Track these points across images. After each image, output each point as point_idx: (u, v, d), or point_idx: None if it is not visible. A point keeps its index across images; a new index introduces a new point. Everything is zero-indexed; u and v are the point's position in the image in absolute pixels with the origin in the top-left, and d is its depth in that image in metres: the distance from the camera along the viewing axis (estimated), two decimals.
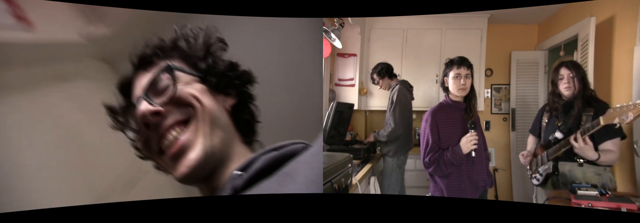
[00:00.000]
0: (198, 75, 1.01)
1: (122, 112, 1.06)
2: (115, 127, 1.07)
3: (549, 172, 1.80)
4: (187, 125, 0.93)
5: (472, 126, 1.93)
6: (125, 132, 1.04)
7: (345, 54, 2.59)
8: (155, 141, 0.95)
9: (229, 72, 1.05)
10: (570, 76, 1.76)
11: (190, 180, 0.94)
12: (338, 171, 1.74)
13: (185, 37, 1.06)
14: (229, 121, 1.02)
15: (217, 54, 1.07)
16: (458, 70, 1.95)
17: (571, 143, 1.66)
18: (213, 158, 0.93)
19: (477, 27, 2.47)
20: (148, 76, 0.98)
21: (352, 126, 2.71)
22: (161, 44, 1.04)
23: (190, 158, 0.90)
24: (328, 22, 2.23)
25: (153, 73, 0.98)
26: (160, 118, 0.93)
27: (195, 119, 0.93)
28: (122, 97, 1.06)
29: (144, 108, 0.92)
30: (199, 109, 0.94)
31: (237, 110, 1.06)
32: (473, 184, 2.00)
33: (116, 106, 1.06)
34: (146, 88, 0.96)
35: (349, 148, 2.40)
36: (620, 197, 1.62)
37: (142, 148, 1.00)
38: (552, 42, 2.32)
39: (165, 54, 1.02)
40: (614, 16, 1.84)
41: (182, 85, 0.96)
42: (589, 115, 1.68)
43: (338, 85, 2.64)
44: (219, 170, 0.96)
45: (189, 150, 0.91)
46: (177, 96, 0.94)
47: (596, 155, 1.64)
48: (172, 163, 0.94)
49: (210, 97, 0.98)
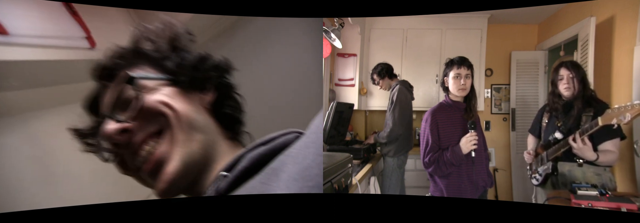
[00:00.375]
0: (166, 78, 0.91)
1: (90, 134, 0.96)
2: (86, 150, 0.97)
3: (549, 172, 1.80)
4: (160, 136, 0.85)
5: (472, 126, 1.93)
6: (99, 154, 0.94)
7: (345, 54, 2.59)
8: (130, 159, 0.88)
9: (201, 66, 0.95)
10: (570, 76, 1.76)
11: (172, 193, 0.86)
12: (338, 171, 1.74)
13: (146, 37, 0.96)
14: (209, 120, 0.93)
15: (184, 48, 0.96)
16: (458, 70, 1.95)
17: (570, 144, 1.66)
18: (193, 166, 0.85)
19: (477, 27, 2.47)
20: (110, 91, 0.89)
21: (352, 126, 2.71)
22: (120, 52, 0.94)
23: (168, 173, 0.82)
24: (328, 22, 2.23)
25: (114, 87, 0.88)
26: (130, 135, 0.85)
27: (169, 128, 0.85)
28: (91, 117, 0.97)
29: (109, 127, 0.84)
30: (172, 116, 0.85)
31: (217, 105, 0.97)
32: (473, 184, 2.00)
33: (83, 128, 0.97)
34: (110, 104, 0.87)
35: (349, 148, 2.40)
36: (620, 197, 1.62)
37: (119, 167, 0.92)
38: (552, 42, 2.32)
39: (128, 62, 0.92)
40: (614, 16, 1.84)
41: (149, 94, 0.87)
42: (589, 115, 1.68)
43: (338, 85, 2.64)
44: (203, 175, 0.89)
45: (166, 163, 0.83)
46: (145, 107, 0.85)
47: (595, 156, 1.64)
48: (149, 179, 0.87)
49: (183, 99, 0.90)
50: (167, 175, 0.82)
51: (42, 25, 1.51)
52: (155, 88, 0.89)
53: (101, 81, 0.93)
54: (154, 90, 0.88)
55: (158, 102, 0.86)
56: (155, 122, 0.86)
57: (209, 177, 0.88)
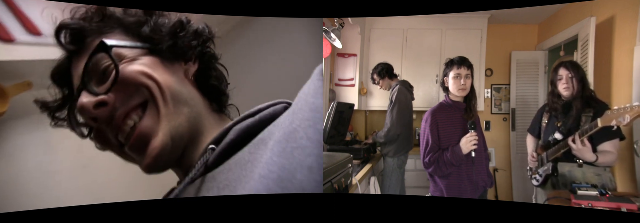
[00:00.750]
0: (144, 46, 0.84)
1: (59, 106, 0.90)
2: (56, 125, 0.92)
3: (549, 173, 1.80)
4: (143, 109, 0.80)
5: (472, 126, 1.93)
6: (74, 129, 0.88)
7: (345, 54, 2.59)
8: (111, 134, 0.82)
9: (180, 32, 0.88)
10: (569, 76, 1.76)
11: (159, 168, 0.83)
12: (338, 171, 1.74)
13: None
14: (194, 91, 0.88)
15: (158, 13, 0.89)
16: (458, 70, 1.95)
17: (569, 145, 1.66)
18: (180, 140, 0.81)
19: (477, 27, 2.46)
20: (82, 60, 0.81)
21: (352, 126, 2.71)
22: (88, 13, 0.86)
23: (154, 147, 0.78)
24: (328, 22, 2.23)
25: (86, 56, 0.80)
26: (108, 109, 0.79)
27: (152, 100, 0.79)
28: (58, 88, 0.90)
29: (84, 100, 0.77)
30: (154, 88, 0.79)
31: (201, 76, 0.91)
32: (473, 184, 2.00)
33: (49, 100, 0.91)
34: (83, 75, 0.79)
35: (349, 148, 2.40)
36: (620, 197, 1.62)
37: (99, 143, 0.86)
38: (552, 42, 2.32)
39: (97, 26, 0.84)
40: (614, 16, 1.84)
41: (126, 64, 0.80)
42: (589, 115, 1.68)
43: (338, 85, 2.63)
44: (191, 149, 0.84)
45: (151, 138, 0.78)
46: (123, 78, 0.78)
47: (594, 157, 1.64)
48: (135, 154, 0.82)
49: (165, 69, 0.83)
50: (153, 150, 0.78)
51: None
52: (134, 58, 0.82)
53: (68, 46, 0.85)
54: (132, 60, 0.81)
55: (138, 72, 0.79)
56: (137, 94, 0.80)
57: (197, 150, 0.84)
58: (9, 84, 1.26)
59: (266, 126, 0.78)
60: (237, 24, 2.06)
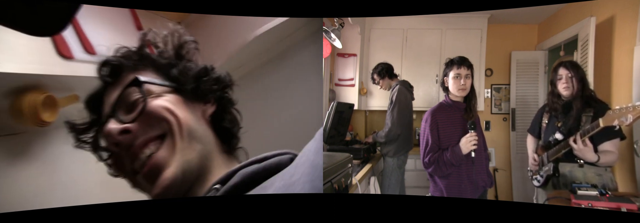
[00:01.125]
0: (170, 85, 0.93)
1: (85, 129, 0.98)
2: (77, 146, 0.98)
3: (550, 173, 1.80)
4: (161, 141, 0.87)
5: (472, 126, 1.93)
6: (95, 151, 0.96)
7: (345, 54, 2.59)
8: (127, 161, 0.89)
9: (204, 77, 0.97)
10: (569, 76, 1.76)
11: (167, 196, 0.87)
12: (338, 171, 1.74)
13: (153, 43, 0.99)
14: (209, 131, 0.95)
15: (189, 57, 0.99)
16: (458, 70, 1.95)
17: (570, 145, 1.66)
18: (190, 174, 0.87)
19: (477, 27, 2.46)
20: (116, 91, 0.91)
21: (352, 126, 2.71)
22: (127, 52, 0.97)
23: (165, 178, 0.84)
24: (328, 22, 2.22)
25: (120, 88, 0.90)
26: (130, 137, 0.86)
27: (170, 134, 0.87)
28: (89, 113, 0.98)
29: (111, 126, 0.86)
30: (174, 123, 0.87)
31: (217, 118, 0.99)
32: (473, 184, 2.00)
33: (78, 123, 0.98)
34: (114, 104, 0.89)
35: (349, 148, 2.40)
36: (620, 197, 1.62)
37: (114, 168, 0.93)
38: (552, 42, 2.32)
39: (134, 63, 0.94)
40: (614, 16, 1.84)
41: (153, 99, 0.89)
42: (589, 115, 1.68)
43: (338, 85, 2.63)
44: (197, 185, 0.90)
45: (164, 169, 0.85)
46: (148, 111, 0.87)
47: (596, 157, 1.64)
48: (146, 183, 0.87)
49: (186, 108, 0.92)
50: (164, 181, 0.84)
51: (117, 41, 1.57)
52: (160, 94, 0.91)
53: (105, 78, 0.95)
54: (158, 96, 0.90)
55: (162, 107, 0.88)
56: (158, 127, 0.88)
57: (202, 187, 0.89)
58: (61, 96, 1.36)
59: (270, 175, 0.83)
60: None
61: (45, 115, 1.28)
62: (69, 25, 1.34)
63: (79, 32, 1.45)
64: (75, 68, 1.39)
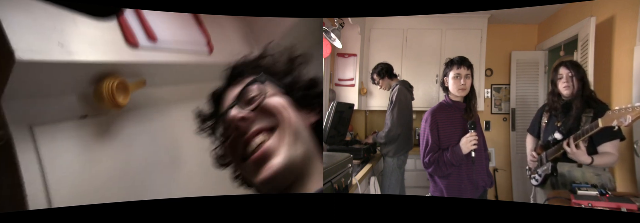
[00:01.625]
0: (283, 89, 1.07)
1: (209, 117, 1.13)
2: (200, 130, 1.13)
3: (548, 173, 1.80)
4: (272, 133, 0.99)
5: (472, 126, 1.93)
6: (212, 136, 1.10)
7: (345, 54, 2.59)
8: (240, 146, 1.00)
9: (311, 89, 1.12)
10: (569, 75, 1.76)
11: (270, 186, 0.97)
12: (338, 171, 1.74)
13: (271, 54, 1.15)
14: (311, 138, 1.05)
15: (299, 69, 1.14)
16: (458, 70, 1.95)
17: (564, 149, 1.67)
18: (294, 169, 0.97)
19: (477, 27, 2.46)
20: (239, 87, 1.05)
21: (352, 126, 2.71)
22: (249, 60, 1.14)
23: (274, 164, 0.94)
24: (328, 22, 2.23)
25: (244, 83, 1.05)
26: (247, 124, 0.99)
27: (281, 128, 0.99)
28: (212, 106, 1.14)
29: (234, 113, 0.99)
30: (286, 118, 1.00)
31: (318, 127, 1.11)
32: (473, 184, 2.00)
33: (205, 112, 1.14)
34: (237, 96, 1.03)
35: (349, 148, 2.40)
36: (620, 197, 1.62)
37: (228, 152, 1.05)
38: (552, 42, 2.32)
39: (252, 69, 1.10)
40: (614, 16, 1.84)
41: (270, 95, 1.03)
42: (589, 115, 1.68)
43: (338, 85, 2.64)
44: (296, 186, 1.00)
45: (273, 156, 0.95)
46: (265, 105, 1.00)
47: (589, 160, 1.65)
48: (254, 168, 0.98)
49: (294, 110, 1.03)
50: (273, 166, 0.95)
51: (178, 33, 1.77)
52: (275, 94, 1.05)
53: (230, 78, 1.11)
54: (274, 95, 1.04)
55: (279, 103, 1.02)
56: (270, 120, 1.00)
57: (300, 188, 1.00)
58: (131, 81, 1.50)
59: None
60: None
61: (120, 98, 1.43)
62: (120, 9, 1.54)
63: (142, 21, 1.61)
64: (141, 55, 1.55)
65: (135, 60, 1.52)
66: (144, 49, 1.56)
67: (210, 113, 1.14)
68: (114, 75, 1.43)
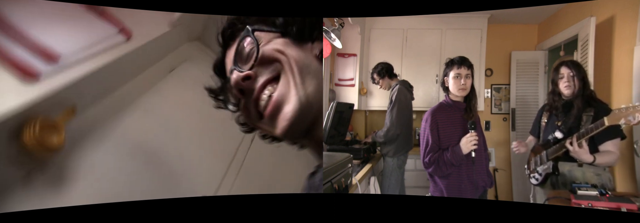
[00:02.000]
0: (278, 30, 1.02)
1: (220, 91, 1.09)
2: (218, 106, 1.10)
3: (549, 172, 1.80)
4: (278, 81, 0.95)
5: (472, 126, 1.93)
6: (227, 107, 1.07)
7: (345, 54, 2.59)
8: (253, 106, 0.98)
9: (306, 21, 1.06)
10: (570, 75, 1.76)
11: (293, 133, 0.95)
12: (338, 171, 1.74)
13: None
14: (321, 68, 1.02)
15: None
16: (458, 70, 1.95)
17: (566, 147, 1.67)
18: (310, 108, 0.94)
19: (477, 27, 2.47)
20: (233, 50, 1.01)
21: (352, 126, 2.71)
22: (233, 21, 1.08)
23: (287, 111, 0.92)
24: (328, 22, 2.23)
25: (236, 43, 1.00)
26: (251, 82, 0.95)
27: (284, 72, 0.95)
28: (219, 78, 1.10)
29: (235, 76, 0.95)
30: (285, 61, 0.95)
31: (321, 58, 1.06)
32: (473, 184, 2.00)
33: (214, 87, 1.10)
34: (234, 59, 0.98)
35: (349, 148, 2.40)
36: (620, 197, 1.62)
37: (244, 117, 1.02)
38: (552, 42, 2.32)
39: (243, 23, 1.04)
40: (614, 16, 1.84)
41: (264, 45, 0.98)
42: (589, 115, 1.68)
43: (338, 85, 2.64)
44: (317, 126, 0.99)
45: (284, 105, 0.92)
46: (262, 56, 0.96)
47: (591, 158, 1.64)
48: (271, 122, 0.95)
49: (294, 47, 0.99)
50: (286, 114, 0.92)
51: (81, 37, 1.54)
52: (269, 40, 1.00)
53: (225, 43, 1.06)
54: (268, 42, 0.99)
55: (272, 49, 0.97)
56: (273, 68, 0.96)
57: (320, 128, 0.99)
58: (56, 115, 1.30)
59: None
60: None
61: (53, 139, 1.23)
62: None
63: (29, 46, 1.33)
64: (49, 82, 1.32)
65: (44, 91, 1.28)
66: (48, 74, 1.33)
67: (219, 86, 1.10)
68: (30, 119, 1.21)
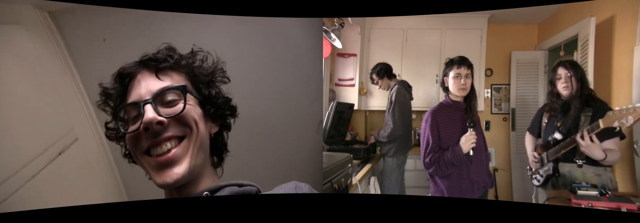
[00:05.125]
0: (200, 99, 1.11)
1: (112, 97, 1.12)
2: (102, 108, 1.14)
3: (550, 173, 1.80)
4: (180, 141, 1.04)
5: (471, 125, 1.93)
6: (115, 118, 1.10)
7: (345, 54, 2.59)
8: (146, 143, 1.03)
9: (224, 106, 1.17)
10: (568, 75, 1.76)
11: (168, 188, 1.04)
12: (338, 171, 1.74)
13: (197, 56, 1.15)
14: (208, 146, 1.13)
15: (219, 84, 1.17)
16: (458, 70, 1.95)
17: (577, 142, 1.62)
18: (191, 175, 1.04)
19: (477, 27, 2.46)
20: (158, 83, 1.06)
21: (352, 126, 2.71)
22: (175, 54, 1.13)
23: (177, 172, 1.01)
24: (328, 22, 2.23)
25: (166, 85, 1.05)
26: (161, 128, 1.02)
27: (189, 139, 1.05)
28: (117, 85, 1.12)
29: (152, 115, 1.00)
30: (195, 132, 1.05)
31: (216, 137, 1.18)
32: (474, 185, 2.00)
33: (110, 89, 1.12)
34: (155, 96, 1.03)
35: (349, 148, 2.40)
36: (620, 197, 1.62)
37: (129, 143, 1.06)
38: (552, 42, 2.32)
39: (177, 65, 1.10)
40: (614, 16, 1.84)
41: (190, 106, 1.06)
42: (588, 115, 1.68)
43: (338, 85, 2.63)
44: (190, 184, 1.08)
45: (177, 164, 1.02)
46: (184, 115, 1.04)
47: (603, 155, 1.61)
48: (156, 168, 1.03)
49: (204, 122, 1.10)
50: (175, 174, 1.01)
51: None
52: (193, 105, 1.08)
53: (147, 66, 1.09)
54: (192, 107, 1.07)
55: (192, 117, 1.06)
56: (184, 129, 1.05)
57: (192, 186, 1.08)
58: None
59: (244, 197, 1.08)
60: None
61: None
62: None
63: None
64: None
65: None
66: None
67: (115, 93, 1.12)
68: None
